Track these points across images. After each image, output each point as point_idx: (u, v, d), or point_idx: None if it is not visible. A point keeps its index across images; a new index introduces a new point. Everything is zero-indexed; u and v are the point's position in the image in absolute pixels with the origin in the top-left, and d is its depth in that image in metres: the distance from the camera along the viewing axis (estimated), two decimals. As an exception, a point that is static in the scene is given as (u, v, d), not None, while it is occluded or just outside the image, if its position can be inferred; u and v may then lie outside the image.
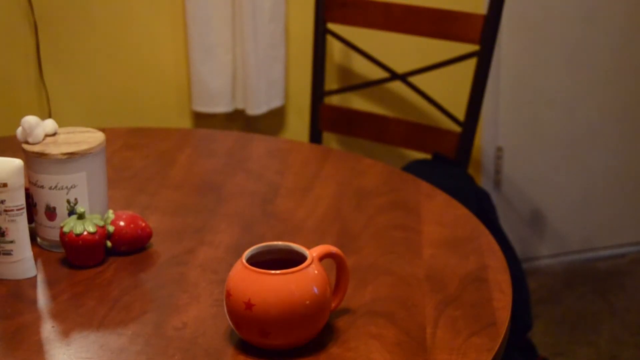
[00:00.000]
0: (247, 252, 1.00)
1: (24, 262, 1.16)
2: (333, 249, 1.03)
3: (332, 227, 1.31)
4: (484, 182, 2.59)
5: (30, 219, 1.20)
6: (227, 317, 0.99)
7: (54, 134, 1.23)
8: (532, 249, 2.71)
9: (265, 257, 1.02)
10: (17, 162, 1.14)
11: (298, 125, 2.35)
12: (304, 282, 0.96)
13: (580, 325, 2.43)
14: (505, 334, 1.04)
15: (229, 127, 2.32)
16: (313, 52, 2.13)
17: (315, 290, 0.97)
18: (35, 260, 1.18)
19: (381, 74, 2.17)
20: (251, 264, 0.98)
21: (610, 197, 2.71)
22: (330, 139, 2.37)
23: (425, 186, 1.45)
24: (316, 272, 0.98)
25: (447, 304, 1.09)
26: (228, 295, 0.97)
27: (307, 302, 0.96)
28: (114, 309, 1.08)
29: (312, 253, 1.00)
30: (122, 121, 2.21)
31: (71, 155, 1.18)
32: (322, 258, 1.01)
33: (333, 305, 1.04)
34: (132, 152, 1.60)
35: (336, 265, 1.04)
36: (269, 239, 1.26)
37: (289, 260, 1.01)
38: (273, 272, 0.96)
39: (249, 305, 0.95)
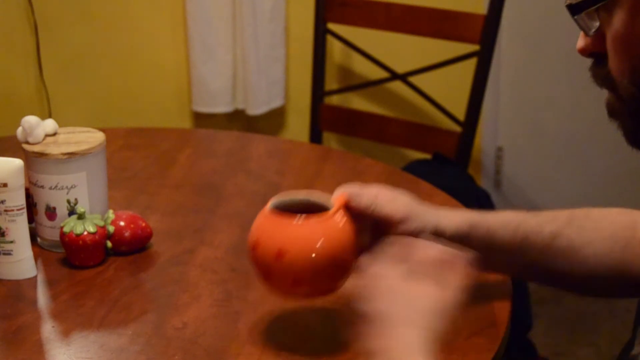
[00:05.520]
0: (271, 203, 0.97)
1: (24, 262, 1.16)
2: (346, 198, 0.99)
3: (332, 227, 1.31)
4: (484, 182, 2.59)
5: (30, 219, 1.20)
6: (254, 269, 0.97)
7: (54, 134, 1.23)
8: (532, 249, 2.70)
9: (288, 209, 0.98)
10: (17, 162, 1.14)
11: (298, 125, 2.35)
12: (335, 228, 0.94)
13: (580, 326, 2.43)
14: (505, 334, 1.04)
15: (229, 127, 2.32)
16: (313, 52, 2.13)
17: (346, 236, 0.95)
18: (35, 260, 1.18)
19: (381, 74, 2.17)
20: None
21: (610, 197, 2.71)
22: (330, 139, 2.37)
23: (425, 186, 1.45)
24: (345, 219, 0.96)
25: (447, 304, 1.09)
26: (255, 246, 0.94)
27: (341, 248, 0.94)
28: (114, 309, 1.08)
29: (334, 202, 0.98)
30: (122, 121, 2.21)
31: (71, 155, 1.18)
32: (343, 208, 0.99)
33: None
34: (132, 152, 1.60)
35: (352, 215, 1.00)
36: (269, 239, 1.26)
37: (312, 212, 0.97)
38: (304, 219, 0.93)
39: (280, 254, 0.91)
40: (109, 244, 1.19)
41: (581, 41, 0.80)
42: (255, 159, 1.61)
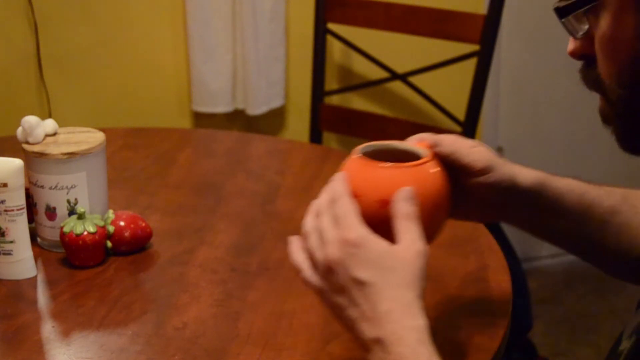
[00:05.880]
0: (361, 150, 0.91)
1: (24, 262, 1.16)
2: (430, 145, 0.94)
3: (332, 227, 1.31)
4: (484, 182, 2.58)
5: (30, 219, 1.20)
6: None
7: (54, 134, 1.24)
8: (532, 249, 2.71)
9: (375, 156, 0.91)
10: (17, 162, 1.14)
11: (298, 125, 2.35)
12: (435, 174, 0.89)
13: (580, 325, 2.43)
14: (505, 334, 1.04)
15: (229, 127, 2.32)
16: (313, 52, 2.13)
17: (445, 182, 0.90)
18: (35, 260, 1.18)
19: (381, 74, 2.17)
20: None
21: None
22: (330, 139, 2.37)
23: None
24: (439, 166, 0.91)
25: (447, 304, 1.09)
26: (355, 196, 0.86)
27: (442, 195, 0.89)
28: (114, 309, 1.08)
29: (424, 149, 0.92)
30: (122, 121, 2.21)
31: (71, 155, 1.18)
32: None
33: None
34: (132, 152, 1.60)
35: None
36: (269, 239, 1.27)
37: (399, 159, 0.90)
38: (409, 165, 0.87)
39: (383, 204, 0.85)
40: (109, 244, 1.19)
41: (571, 44, 0.81)
42: (255, 159, 1.61)
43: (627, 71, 0.74)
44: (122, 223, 1.20)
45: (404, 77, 2.12)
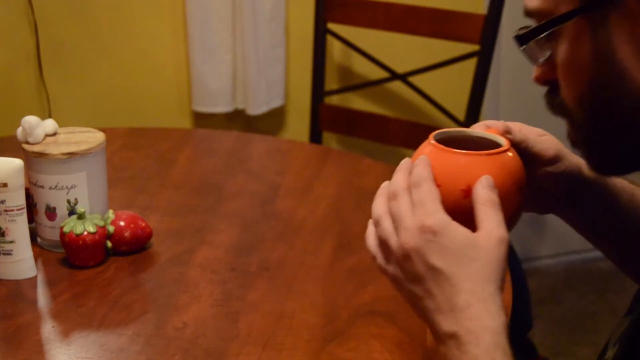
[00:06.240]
0: (434, 136, 0.89)
1: (24, 262, 1.16)
2: (501, 132, 0.91)
3: (332, 227, 1.31)
4: (484, 182, 2.58)
5: (30, 219, 1.20)
6: None
7: (54, 134, 1.24)
8: (532, 249, 2.71)
9: (449, 143, 0.88)
10: (17, 162, 1.14)
11: (298, 125, 2.35)
12: (516, 162, 0.87)
13: (580, 325, 2.43)
14: (505, 334, 1.04)
15: (229, 127, 2.32)
16: (313, 52, 2.13)
17: (523, 170, 0.87)
18: (35, 260, 1.18)
19: (381, 74, 2.17)
20: None
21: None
22: (330, 139, 2.37)
23: (425, 186, 1.44)
24: (517, 154, 0.89)
25: (447, 304, 1.09)
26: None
27: (522, 184, 0.86)
28: (114, 309, 1.08)
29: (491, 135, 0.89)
30: (122, 121, 2.20)
31: (71, 155, 1.18)
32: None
33: None
34: (132, 152, 1.60)
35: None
36: (269, 239, 1.27)
37: (472, 146, 0.88)
38: (491, 153, 0.84)
39: (467, 193, 0.82)
40: (109, 244, 1.19)
41: (535, 71, 0.81)
42: (255, 159, 1.61)
43: (588, 95, 0.74)
44: (122, 223, 1.20)
45: (404, 77, 2.12)
